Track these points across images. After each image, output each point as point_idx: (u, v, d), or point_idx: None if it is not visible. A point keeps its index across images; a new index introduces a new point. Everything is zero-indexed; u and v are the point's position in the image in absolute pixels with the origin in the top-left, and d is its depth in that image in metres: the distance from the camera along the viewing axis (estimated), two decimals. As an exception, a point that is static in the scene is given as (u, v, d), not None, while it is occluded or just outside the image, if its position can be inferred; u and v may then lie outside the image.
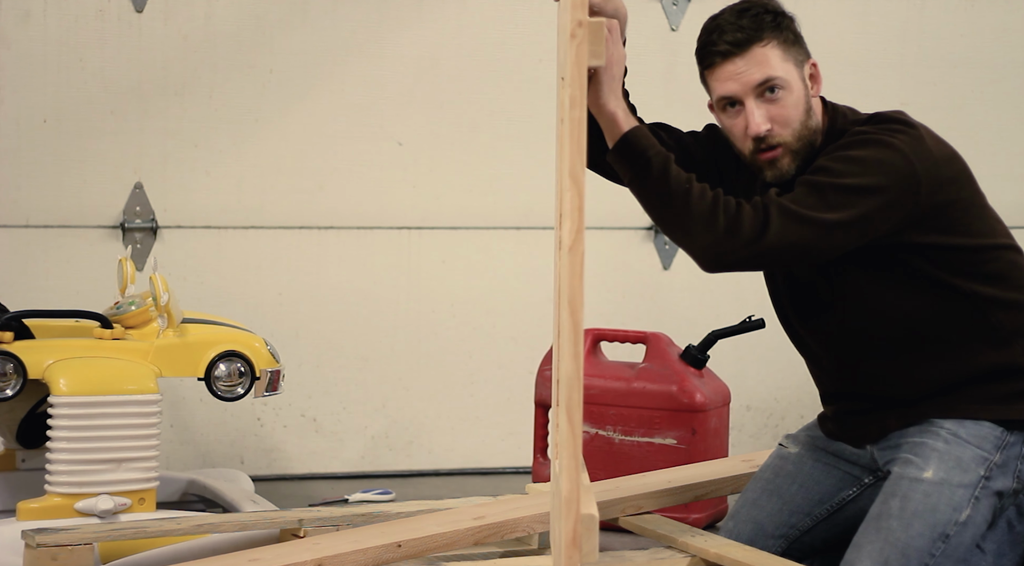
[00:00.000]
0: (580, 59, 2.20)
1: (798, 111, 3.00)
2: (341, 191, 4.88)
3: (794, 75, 3.00)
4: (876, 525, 3.00)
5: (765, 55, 2.96)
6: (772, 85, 2.97)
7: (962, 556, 2.99)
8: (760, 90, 2.97)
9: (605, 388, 4.14)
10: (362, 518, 3.42)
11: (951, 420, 3.07)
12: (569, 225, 2.22)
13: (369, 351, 4.93)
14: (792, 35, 3.02)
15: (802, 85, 3.01)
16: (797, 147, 3.01)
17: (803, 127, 3.01)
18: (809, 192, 2.90)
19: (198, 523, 3.39)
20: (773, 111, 2.98)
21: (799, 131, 3.00)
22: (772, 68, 2.97)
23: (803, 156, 3.02)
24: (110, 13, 4.68)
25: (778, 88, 2.97)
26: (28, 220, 4.65)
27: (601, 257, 5.00)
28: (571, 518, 2.20)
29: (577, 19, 2.19)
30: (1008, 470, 3.06)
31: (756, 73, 2.96)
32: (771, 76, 2.97)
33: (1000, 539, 3.07)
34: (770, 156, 3.00)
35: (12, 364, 3.72)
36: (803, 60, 3.03)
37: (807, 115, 3.01)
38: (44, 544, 3.18)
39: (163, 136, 4.74)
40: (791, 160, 3.01)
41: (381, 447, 4.95)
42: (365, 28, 4.86)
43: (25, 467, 4.08)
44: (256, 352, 3.94)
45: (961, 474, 3.01)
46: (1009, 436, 3.07)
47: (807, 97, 3.02)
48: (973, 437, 3.05)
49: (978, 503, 3.01)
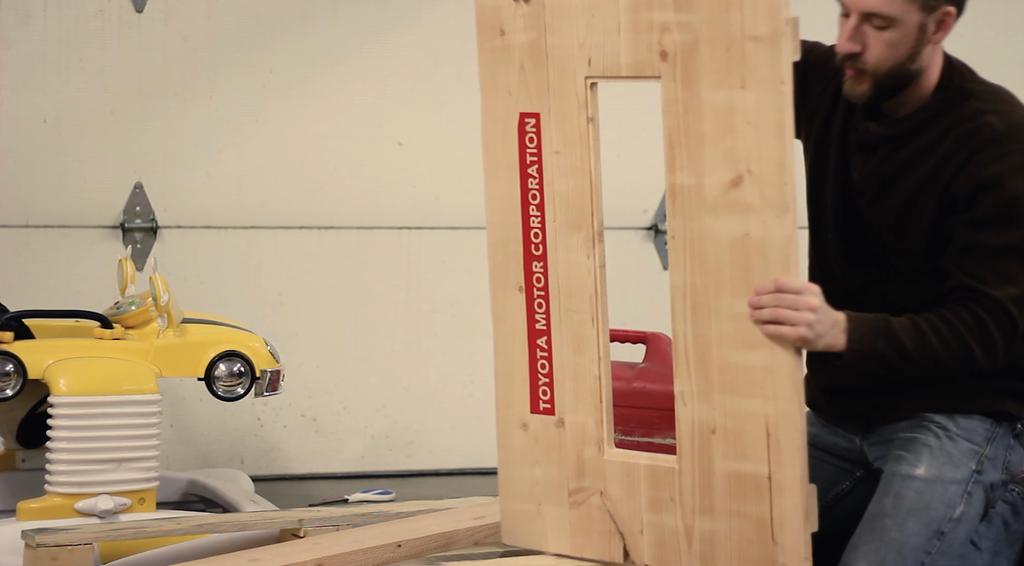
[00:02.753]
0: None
1: (898, 51, 2.94)
2: (341, 191, 4.88)
3: (912, 17, 2.92)
4: (871, 525, 3.00)
5: None
6: (878, 18, 2.92)
7: (958, 552, 2.99)
8: (867, 15, 2.93)
9: (605, 388, 4.13)
10: (362, 518, 3.42)
11: (940, 414, 3.07)
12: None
13: (369, 351, 4.93)
14: None
15: (917, 29, 2.93)
16: (882, 80, 2.97)
17: (897, 67, 2.96)
18: (1006, 262, 2.90)
19: (198, 523, 3.39)
20: (871, 40, 2.93)
21: (890, 69, 2.96)
22: (887, 4, 2.90)
23: (885, 89, 2.98)
24: (110, 13, 4.68)
25: (884, 24, 2.92)
26: (28, 220, 4.66)
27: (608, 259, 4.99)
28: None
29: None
30: (997, 462, 3.06)
31: (869, 1, 2.92)
32: (880, 12, 2.90)
33: (996, 537, 3.07)
34: (852, 74, 2.98)
35: (12, 364, 3.72)
36: (937, 5, 2.94)
37: (908, 58, 2.95)
38: (44, 544, 3.18)
39: (163, 136, 4.74)
40: (869, 87, 2.97)
41: (381, 447, 4.95)
42: (365, 28, 4.86)
43: (25, 467, 4.08)
44: (256, 352, 3.94)
45: (953, 470, 3.01)
46: (998, 428, 3.07)
47: (919, 41, 2.95)
48: (963, 431, 3.05)
49: (971, 498, 3.01)
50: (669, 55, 2.71)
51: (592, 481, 2.86)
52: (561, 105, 2.82)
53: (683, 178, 2.73)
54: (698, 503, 2.77)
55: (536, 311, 2.88)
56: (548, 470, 2.89)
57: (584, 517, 2.88)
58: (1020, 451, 3.11)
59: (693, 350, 2.75)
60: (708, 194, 2.70)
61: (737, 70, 2.65)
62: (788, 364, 2.70)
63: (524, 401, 2.90)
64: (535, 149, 2.85)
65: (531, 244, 2.87)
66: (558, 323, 2.86)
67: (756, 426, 2.70)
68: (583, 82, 2.80)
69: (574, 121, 2.82)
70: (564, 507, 2.89)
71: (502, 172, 2.87)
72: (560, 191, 2.84)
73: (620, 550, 2.86)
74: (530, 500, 2.92)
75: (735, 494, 2.73)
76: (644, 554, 2.83)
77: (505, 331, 2.91)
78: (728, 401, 2.73)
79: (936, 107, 3.01)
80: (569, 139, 2.82)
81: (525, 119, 2.85)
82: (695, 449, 2.77)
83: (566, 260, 2.85)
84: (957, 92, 3.02)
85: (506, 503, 2.96)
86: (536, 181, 2.86)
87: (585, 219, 2.83)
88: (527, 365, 2.89)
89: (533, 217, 2.86)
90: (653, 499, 2.81)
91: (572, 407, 2.87)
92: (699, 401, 2.76)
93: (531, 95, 2.83)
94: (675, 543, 2.80)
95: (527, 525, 2.94)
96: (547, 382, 2.89)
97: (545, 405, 2.89)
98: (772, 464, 2.70)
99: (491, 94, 2.86)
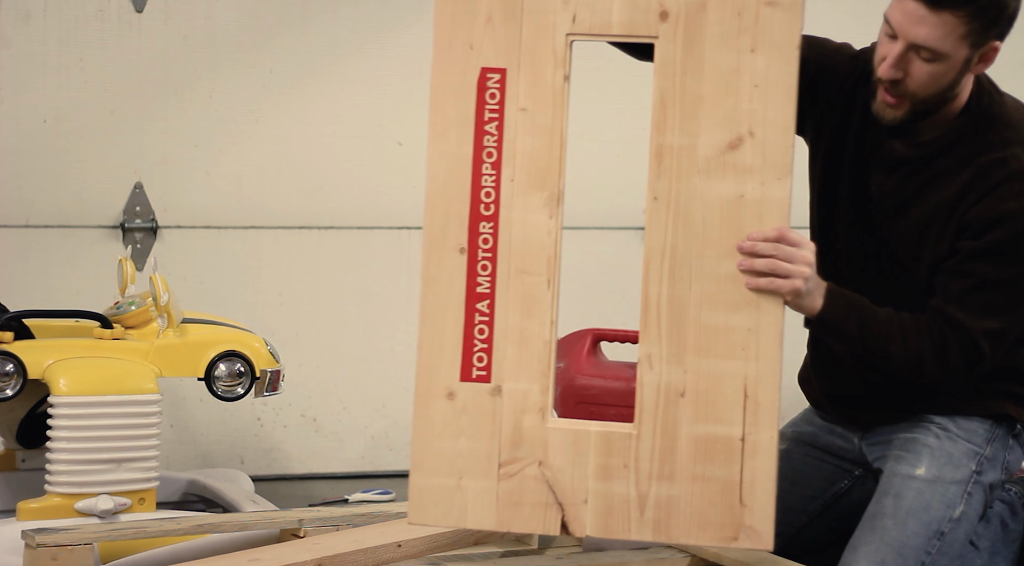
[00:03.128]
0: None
1: (940, 82, 2.92)
2: (341, 191, 4.88)
3: (961, 53, 2.89)
4: (871, 525, 3.00)
5: (946, 25, 2.84)
6: (927, 51, 2.89)
7: (957, 552, 2.99)
8: (915, 46, 2.90)
9: (605, 388, 4.14)
10: (362, 518, 3.42)
11: (941, 415, 3.07)
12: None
13: (369, 351, 4.93)
14: (994, 18, 2.87)
15: (962, 63, 2.92)
16: (919, 106, 2.95)
17: (936, 95, 2.95)
18: (995, 295, 2.89)
19: (198, 523, 3.39)
20: (915, 69, 2.91)
21: (929, 97, 2.94)
22: (939, 40, 2.85)
23: (920, 114, 2.97)
24: (110, 13, 4.68)
25: (932, 57, 2.90)
26: (28, 220, 4.66)
27: (601, 257, 5.00)
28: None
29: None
30: (997, 462, 3.07)
31: (923, 33, 2.86)
32: (931, 47, 2.87)
33: (994, 537, 3.07)
34: (890, 100, 2.95)
35: (12, 364, 3.72)
36: (985, 42, 2.92)
37: (948, 88, 2.94)
38: (44, 544, 3.18)
39: (163, 136, 4.74)
40: (904, 113, 2.96)
41: (381, 447, 4.95)
42: (365, 28, 4.86)
43: (25, 467, 4.08)
44: (256, 352, 3.94)
45: (953, 470, 3.02)
46: (998, 429, 3.08)
47: (961, 73, 2.93)
48: (963, 431, 3.06)
49: (970, 498, 3.02)
50: (671, 15, 2.74)
51: (530, 451, 2.82)
52: (534, 61, 2.80)
53: (674, 139, 2.76)
54: (656, 469, 2.77)
55: (479, 274, 2.83)
56: (475, 441, 2.83)
57: (516, 489, 2.83)
58: (1018, 451, 3.12)
59: (667, 312, 2.76)
60: (701, 155, 2.75)
61: (748, 33, 2.73)
62: (774, 323, 2.73)
63: (453, 369, 2.83)
64: (496, 105, 2.82)
65: (480, 204, 2.82)
66: (504, 286, 2.82)
67: (732, 388, 2.74)
68: (563, 39, 2.79)
69: (548, 78, 2.79)
70: (492, 480, 2.83)
71: (452, 129, 2.82)
72: (523, 149, 2.80)
73: (557, 522, 2.82)
74: (450, 474, 2.84)
75: (701, 457, 2.75)
76: (587, 524, 2.81)
77: (437, 294, 2.85)
78: (703, 363, 2.75)
79: (963, 130, 2.99)
80: (540, 96, 2.80)
81: (488, 74, 2.81)
82: (658, 413, 2.77)
83: (522, 220, 2.81)
84: (985, 116, 2.99)
85: (418, 479, 2.86)
86: (495, 139, 2.82)
87: (550, 179, 2.81)
88: (460, 330, 2.83)
89: (487, 176, 2.82)
90: (603, 467, 2.79)
91: (513, 373, 2.82)
92: (668, 364, 2.76)
93: (498, 50, 2.80)
94: (624, 511, 2.79)
95: (443, 501, 2.85)
96: (484, 348, 2.83)
97: (480, 372, 2.83)
98: (747, 426, 2.74)
99: (446, 48, 2.81)
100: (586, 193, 4.91)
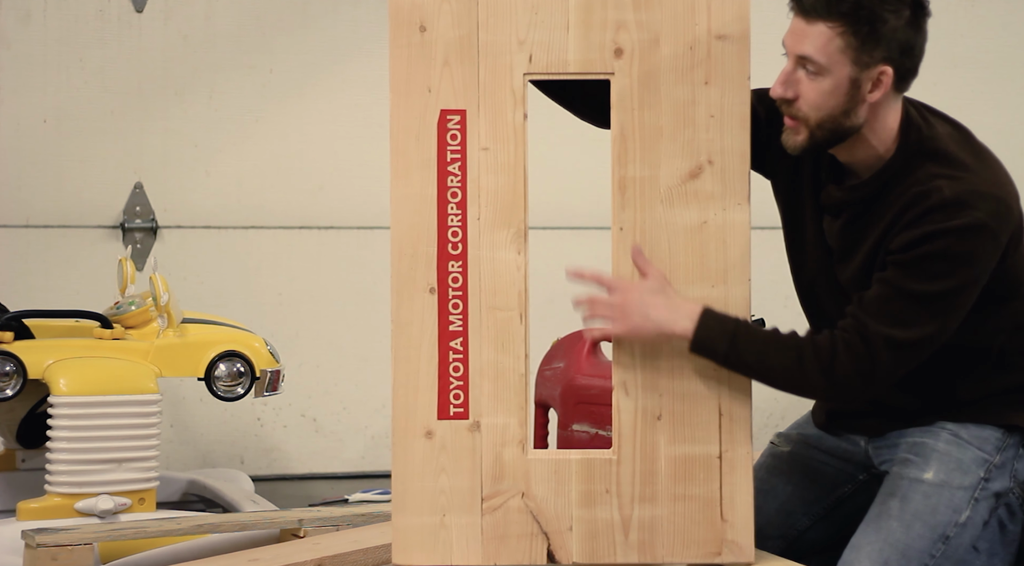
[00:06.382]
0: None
1: (829, 102, 2.91)
2: (341, 191, 4.88)
3: (842, 70, 2.89)
4: (876, 525, 3.00)
5: (822, 35, 2.87)
6: (809, 64, 2.90)
7: (960, 557, 2.99)
8: (800, 61, 2.92)
9: (605, 388, 4.13)
10: (362, 518, 3.42)
11: (953, 422, 3.07)
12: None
13: (369, 351, 4.93)
14: (869, 35, 2.90)
15: (848, 82, 2.91)
16: (815, 131, 2.95)
17: (830, 119, 2.94)
18: (906, 306, 2.89)
19: (198, 523, 3.40)
20: (804, 88, 2.92)
21: (823, 119, 2.94)
22: (817, 50, 2.87)
23: (820, 142, 2.97)
24: (110, 13, 4.68)
25: (816, 71, 2.91)
26: (28, 220, 4.66)
27: (600, 258, 4.99)
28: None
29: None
30: (1006, 471, 3.06)
31: (803, 44, 2.89)
32: (811, 57, 2.88)
33: (992, 539, 3.07)
34: (789, 124, 2.97)
35: (12, 364, 3.72)
36: (871, 63, 2.94)
37: (843, 113, 2.93)
38: (44, 544, 3.19)
39: (163, 136, 4.74)
40: (804, 139, 2.97)
41: (381, 447, 4.95)
42: (365, 28, 4.86)
43: (25, 467, 4.08)
44: (256, 352, 3.94)
45: (961, 476, 3.01)
46: (1009, 438, 3.07)
47: (852, 97, 2.93)
48: (974, 438, 3.05)
49: (977, 505, 3.01)
50: (625, 52, 2.81)
51: (512, 483, 2.84)
52: (493, 102, 2.83)
53: (636, 171, 2.87)
54: (638, 492, 2.82)
55: (451, 312, 2.85)
56: (457, 478, 2.84)
57: (500, 522, 2.85)
58: (1027, 460, 3.11)
59: (639, 341, 2.85)
60: (663, 185, 2.85)
61: (701, 66, 2.83)
62: None
63: (430, 407, 2.84)
64: (458, 146, 2.86)
65: (448, 243, 2.85)
66: (477, 323, 2.85)
67: (707, 407, 2.83)
68: (520, 78, 2.83)
69: (508, 117, 2.83)
70: (475, 515, 2.85)
71: (415, 172, 2.85)
72: (487, 188, 2.84)
73: (543, 551, 2.85)
74: (433, 512, 2.85)
75: (681, 477, 2.82)
76: (572, 552, 2.84)
77: (409, 336, 2.86)
78: (677, 386, 2.83)
79: (894, 170, 3.00)
80: (501, 135, 2.84)
81: (448, 116, 2.85)
82: (637, 437, 2.83)
83: (491, 257, 2.85)
84: (914, 153, 2.99)
85: (401, 519, 2.85)
86: (458, 179, 2.85)
87: (516, 215, 2.85)
88: (435, 369, 2.85)
89: (452, 215, 2.85)
90: (585, 493, 2.83)
91: (491, 408, 2.85)
92: (643, 390, 2.84)
93: (456, 92, 2.84)
94: (609, 535, 2.83)
95: (427, 539, 2.85)
96: (460, 385, 2.86)
97: (457, 409, 2.86)
98: (724, 443, 2.82)
99: (404, 93, 2.84)
100: (586, 193, 4.92)
